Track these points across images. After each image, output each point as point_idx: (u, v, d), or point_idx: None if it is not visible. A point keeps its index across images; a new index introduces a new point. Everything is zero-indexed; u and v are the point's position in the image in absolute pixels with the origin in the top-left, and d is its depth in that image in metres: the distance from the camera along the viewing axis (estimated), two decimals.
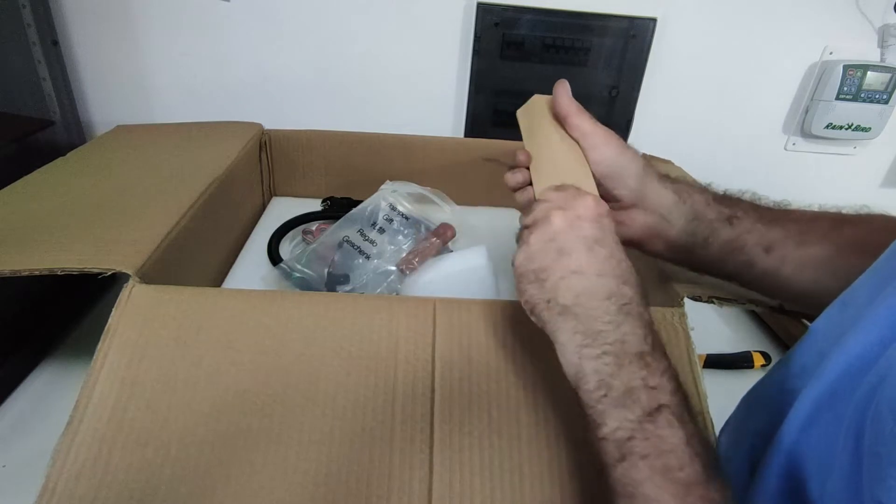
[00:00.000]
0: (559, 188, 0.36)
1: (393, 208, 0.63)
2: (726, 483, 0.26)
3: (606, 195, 0.40)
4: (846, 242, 0.37)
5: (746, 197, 0.41)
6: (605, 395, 0.28)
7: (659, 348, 0.30)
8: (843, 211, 0.40)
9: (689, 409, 0.28)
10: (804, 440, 0.29)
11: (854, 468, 0.25)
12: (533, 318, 0.33)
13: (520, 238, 0.35)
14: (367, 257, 0.59)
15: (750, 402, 0.37)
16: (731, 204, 0.40)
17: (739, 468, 0.34)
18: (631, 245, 0.41)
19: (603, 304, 0.30)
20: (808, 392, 0.29)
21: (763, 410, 0.34)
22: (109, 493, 0.29)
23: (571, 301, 0.30)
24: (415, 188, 0.67)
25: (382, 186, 0.66)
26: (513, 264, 0.34)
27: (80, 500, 0.29)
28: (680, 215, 0.40)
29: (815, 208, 0.41)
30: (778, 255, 0.38)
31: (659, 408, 0.27)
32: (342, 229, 0.62)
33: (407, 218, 0.63)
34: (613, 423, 0.28)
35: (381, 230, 0.61)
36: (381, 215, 0.63)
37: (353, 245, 0.60)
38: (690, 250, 0.40)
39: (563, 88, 0.41)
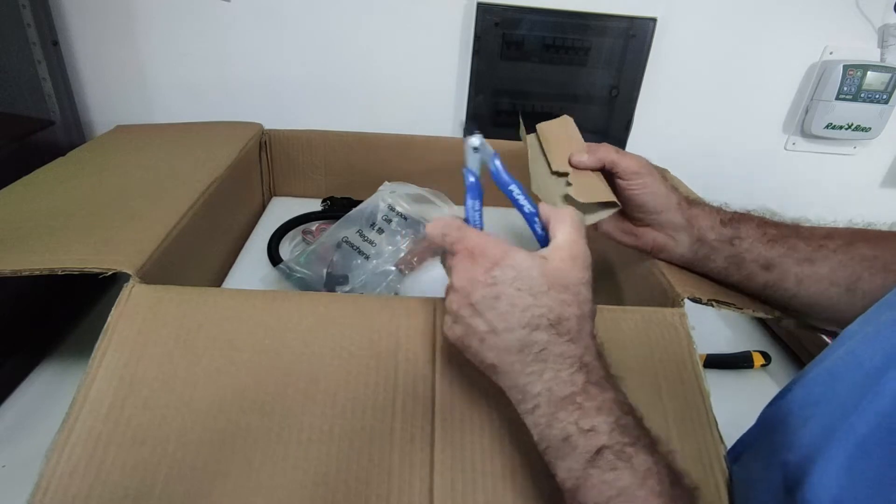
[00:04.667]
0: (452, 256, 0.34)
1: (391, 209, 0.63)
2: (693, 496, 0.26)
3: (629, 216, 0.47)
4: (858, 260, 0.39)
5: (756, 217, 0.44)
6: (547, 447, 0.28)
7: (595, 379, 0.29)
8: (858, 224, 0.42)
9: (636, 438, 0.27)
10: (848, 484, 0.27)
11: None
12: (457, 343, 0.33)
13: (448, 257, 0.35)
14: (366, 258, 0.59)
15: (775, 424, 0.36)
16: (736, 225, 0.43)
17: (773, 492, 0.32)
18: (640, 251, 0.48)
19: (518, 357, 0.29)
20: (838, 443, 0.28)
21: (791, 436, 0.32)
22: (104, 492, 0.29)
23: (495, 360, 0.30)
24: (413, 189, 0.67)
25: (381, 187, 0.66)
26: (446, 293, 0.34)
27: (74, 499, 0.29)
28: (686, 236, 0.45)
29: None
30: (778, 272, 0.41)
31: (599, 451, 0.27)
32: (341, 230, 0.62)
33: (405, 218, 0.63)
34: (562, 473, 0.27)
35: (380, 230, 0.61)
36: (379, 216, 0.63)
37: (351, 245, 0.60)
38: (693, 264, 0.46)
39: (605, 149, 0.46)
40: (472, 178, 0.39)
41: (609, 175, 0.46)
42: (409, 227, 0.62)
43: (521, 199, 0.39)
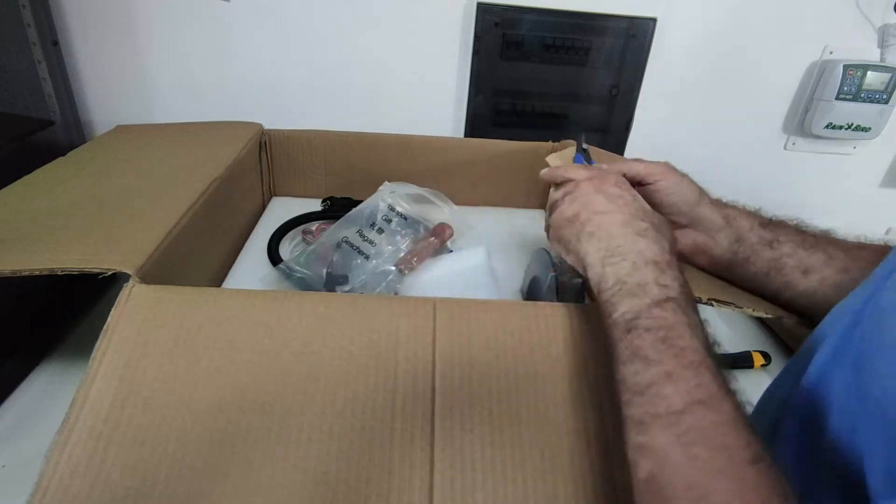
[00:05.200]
0: (586, 168, 0.44)
1: (391, 209, 0.63)
2: (721, 364, 0.29)
3: (669, 215, 0.46)
4: None
5: (793, 223, 0.45)
6: (620, 289, 0.33)
7: (674, 265, 0.34)
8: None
9: (693, 307, 0.32)
10: (823, 383, 0.32)
11: (856, 372, 0.29)
12: (568, 257, 0.40)
13: (552, 207, 0.43)
14: (366, 257, 0.59)
15: (769, 388, 0.40)
16: (774, 229, 0.44)
17: (763, 432, 0.36)
18: (680, 259, 0.44)
19: (621, 229, 0.36)
20: (820, 353, 0.33)
21: (787, 376, 0.37)
22: (104, 492, 0.29)
23: (596, 229, 0.37)
24: (413, 189, 0.67)
25: (381, 187, 0.66)
26: (547, 229, 0.43)
27: (74, 499, 0.29)
28: (725, 237, 0.45)
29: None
30: (816, 278, 0.42)
31: (667, 299, 0.31)
32: (341, 230, 0.62)
33: (405, 218, 0.63)
34: (623, 307, 0.32)
35: (380, 230, 0.61)
36: (379, 216, 0.63)
37: (351, 245, 0.60)
38: (731, 268, 0.46)
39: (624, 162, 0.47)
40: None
41: (633, 185, 0.46)
42: (409, 227, 0.62)
43: None
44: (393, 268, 0.58)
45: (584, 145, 0.51)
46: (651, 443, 0.27)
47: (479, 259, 0.56)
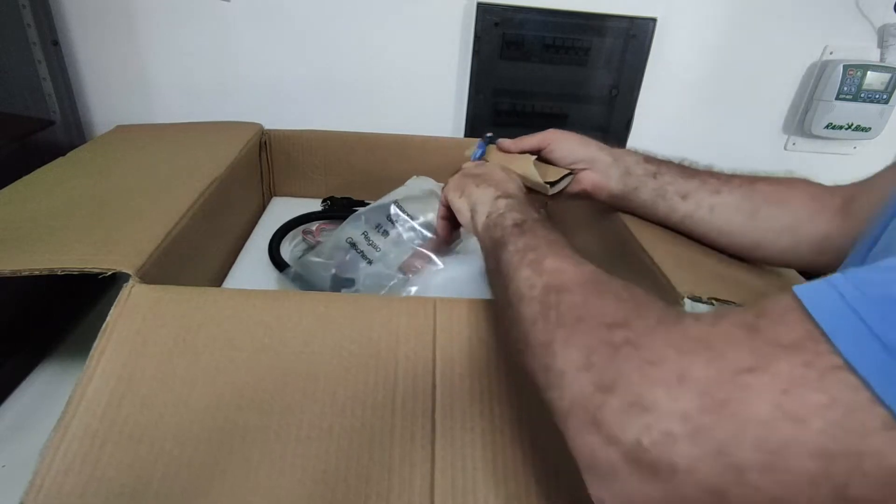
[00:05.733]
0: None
1: (401, 209, 0.63)
2: None
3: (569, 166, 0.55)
4: (758, 194, 0.47)
5: (676, 161, 0.53)
6: (510, 209, 0.40)
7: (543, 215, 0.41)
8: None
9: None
10: None
11: None
12: (458, 199, 0.48)
13: (462, 169, 0.53)
14: (370, 262, 0.58)
15: None
16: (657, 163, 0.52)
17: None
18: (585, 196, 0.55)
19: (514, 186, 0.47)
20: None
21: None
22: (99, 489, 0.29)
23: (495, 182, 0.47)
24: (431, 183, 0.66)
25: (408, 181, 0.66)
26: (450, 178, 0.51)
27: (68, 497, 0.29)
28: (615, 172, 0.53)
29: None
30: (693, 201, 0.49)
31: (544, 219, 0.39)
32: (346, 231, 0.61)
33: (412, 217, 0.62)
34: (513, 217, 0.39)
35: (385, 233, 0.61)
36: (386, 217, 0.62)
37: (356, 248, 0.60)
38: (625, 198, 0.53)
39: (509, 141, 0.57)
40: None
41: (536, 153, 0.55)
42: (414, 230, 0.61)
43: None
44: (396, 272, 0.58)
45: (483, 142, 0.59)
46: (546, 265, 0.32)
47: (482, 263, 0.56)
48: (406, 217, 0.61)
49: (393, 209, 0.61)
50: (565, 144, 0.54)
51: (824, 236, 0.44)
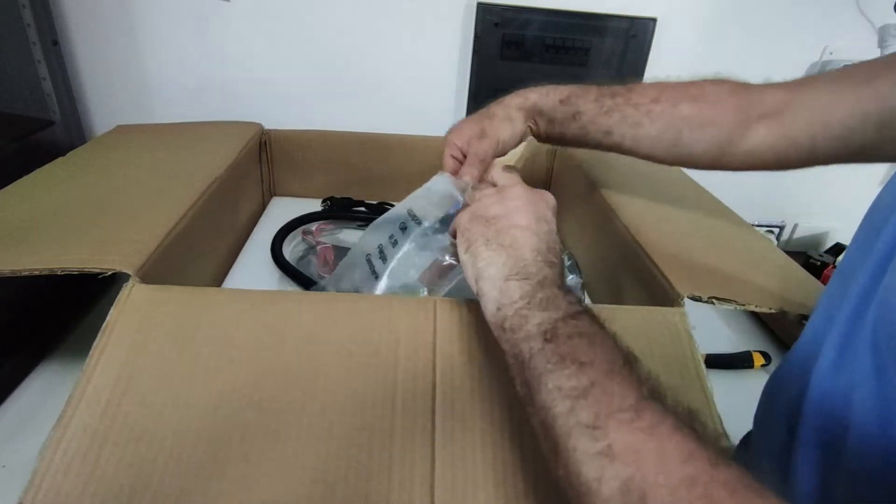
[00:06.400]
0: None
1: (413, 217, 0.54)
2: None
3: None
4: (680, 121, 0.47)
5: (595, 86, 0.50)
6: (528, 303, 0.31)
7: (572, 293, 0.33)
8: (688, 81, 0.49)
9: (602, 323, 0.31)
10: (832, 383, 0.32)
11: (876, 371, 0.28)
12: (462, 254, 0.37)
13: (479, 192, 0.42)
14: (376, 277, 0.51)
15: (775, 381, 0.41)
16: (575, 102, 0.50)
17: (777, 436, 0.37)
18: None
19: (532, 253, 0.34)
20: (827, 344, 0.33)
21: (790, 385, 0.37)
22: (98, 488, 0.29)
23: (509, 243, 0.35)
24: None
25: (432, 179, 0.59)
26: (460, 215, 0.40)
27: (68, 496, 0.29)
28: (542, 125, 0.51)
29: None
30: (617, 135, 0.49)
31: (579, 312, 0.30)
32: (362, 244, 0.54)
33: (421, 223, 0.55)
34: (537, 319, 0.30)
35: (395, 242, 0.52)
36: (398, 225, 0.54)
37: (371, 265, 0.54)
38: (558, 141, 0.53)
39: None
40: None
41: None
42: (432, 241, 0.55)
43: None
44: (419, 285, 0.52)
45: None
46: (616, 444, 0.23)
47: None
48: (416, 224, 0.52)
49: (404, 218, 0.53)
50: (504, 130, 0.50)
51: (752, 147, 0.45)
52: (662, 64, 0.90)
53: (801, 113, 0.42)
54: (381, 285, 0.51)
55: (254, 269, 0.63)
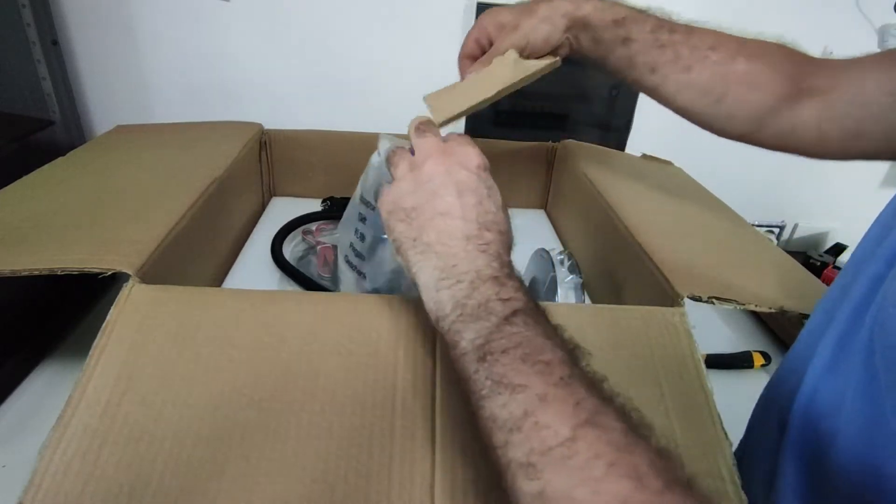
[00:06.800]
0: (448, 136, 0.38)
1: (365, 203, 0.50)
2: (589, 369, 0.27)
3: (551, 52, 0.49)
4: (732, 75, 0.44)
5: (651, 19, 0.47)
6: (461, 314, 0.29)
7: (514, 272, 0.31)
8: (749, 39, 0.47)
9: (542, 313, 0.29)
10: (824, 384, 0.32)
11: (868, 379, 0.27)
12: (398, 258, 0.34)
13: (393, 167, 0.37)
14: (363, 276, 0.50)
15: (773, 379, 0.40)
16: (629, 27, 0.46)
17: (769, 437, 0.36)
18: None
19: (461, 243, 0.31)
20: (824, 343, 0.33)
21: (785, 383, 0.36)
22: (98, 488, 0.29)
23: (434, 239, 0.32)
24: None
25: (377, 150, 0.53)
26: (377, 198, 0.36)
27: (67, 495, 0.29)
28: (585, 40, 0.48)
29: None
30: (660, 75, 0.46)
31: (514, 312, 0.28)
32: (342, 246, 0.53)
33: (374, 207, 0.49)
34: (470, 334, 0.28)
35: (363, 237, 0.50)
36: (357, 217, 0.50)
37: (352, 267, 0.52)
38: (595, 62, 0.49)
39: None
40: None
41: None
42: None
43: None
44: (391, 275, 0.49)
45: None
46: (548, 488, 0.22)
47: None
48: (371, 210, 0.50)
49: (358, 208, 0.51)
50: (539, 30, 0.46)
51: (790, 129, 0.42)
52: None
53: (847, 91, 0.39)
54: (367, 287, 0.50)
55: (254, 269, 0.63)
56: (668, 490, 0.21)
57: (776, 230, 1.15)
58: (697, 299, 0.43)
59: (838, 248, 1.08)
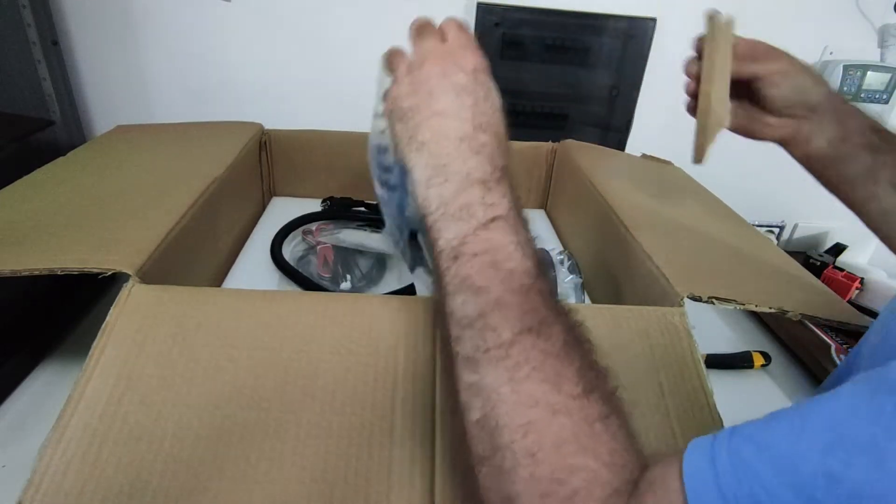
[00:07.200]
0: (448, 36, 0.37)
1: (382, 150, 0.48)
2: (553, 285, 0.28)
3: (771, 108, 0.45)
4: None
5: None
6: (444, 213, 0.29)
7: (505, 179, 0.31)
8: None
9: (523, 224, 0.30)
10: None
11: None
12: (395, 153, 0.35)
13: (392, 68, 0.37)
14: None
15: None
16: (883, 136, 0.42)
17: None
18: (771, 140, 0.46)
19: (454, 143, 0.31)
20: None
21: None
22: (98, 487, 0.29)
23: (428, 138, 0.32)
24: None
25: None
26: (384, 98, 0.36)
27: (67, 495, 0.29)
28: (832, 132, 0.43)
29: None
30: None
31: (493, 218, 0.29)
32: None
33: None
34: (449, 234, 0.29)
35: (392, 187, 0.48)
36: (382, 169, 0.49)
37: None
38: (824, 163, 0.44)
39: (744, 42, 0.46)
40: None
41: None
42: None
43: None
44: None
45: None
46: (481, 381, 0.25)
47: None
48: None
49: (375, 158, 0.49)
50: (796, 82, 0.43)
51: None
52: (662, 64, 0.90)
53: None
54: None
55: (254, 269, 0.63)
56: (584, 396, 0.24)
57: (776, 230, 1.15)
58: (697, 299, 0.43)
59: (838, 248, 1.07)
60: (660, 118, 0.95)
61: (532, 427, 0.23)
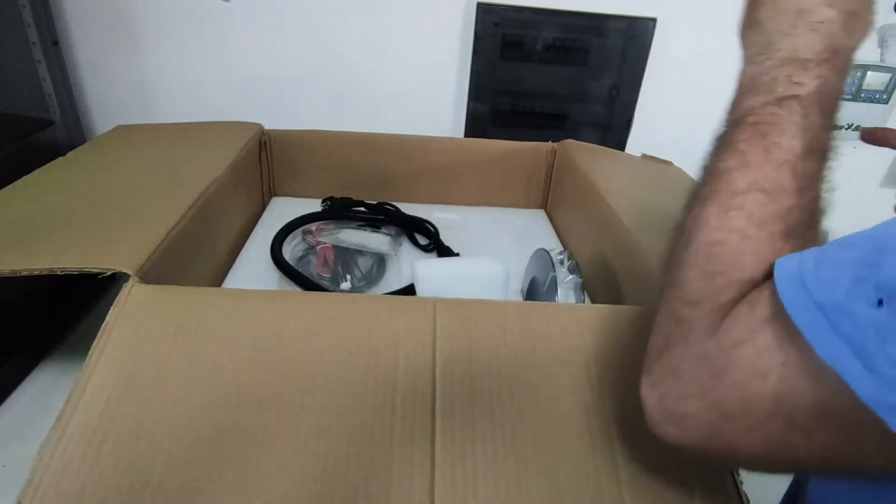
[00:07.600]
0: None
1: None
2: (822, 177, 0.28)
3: None
4: None
5: None
6: (750, 87, 0.30)
7: (833, 62, 0.29)
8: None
9: (827, 110, 0.28)
10: None
11: None
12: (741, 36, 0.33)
13: None
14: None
15: None
16: None
17: None
18: None
19: (790, 17, 0.30)
20: None
21: None
22: (97, 487, 0.29)
23: (765, 16, 0.31)
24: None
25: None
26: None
27: (66, 495, 0.29)
28: None
29: None
30: None
31: (791, 97, 0.28)
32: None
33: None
34: (744, 104, 0.29)
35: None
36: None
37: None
38: None
39: None
40: None
41: None
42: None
43: None
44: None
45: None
46: (704, 213, 0.28)
47: (497, 266, 0.54)
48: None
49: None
50: None
51: None
52: (662, 64, 0.90)
53: None
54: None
55: (254, 269, 0.63)
56: (782, 239, 0.26)
57: None
58: None
59: None
60: (660, 118, 0.95)
61: (725, 255, 0.26)
